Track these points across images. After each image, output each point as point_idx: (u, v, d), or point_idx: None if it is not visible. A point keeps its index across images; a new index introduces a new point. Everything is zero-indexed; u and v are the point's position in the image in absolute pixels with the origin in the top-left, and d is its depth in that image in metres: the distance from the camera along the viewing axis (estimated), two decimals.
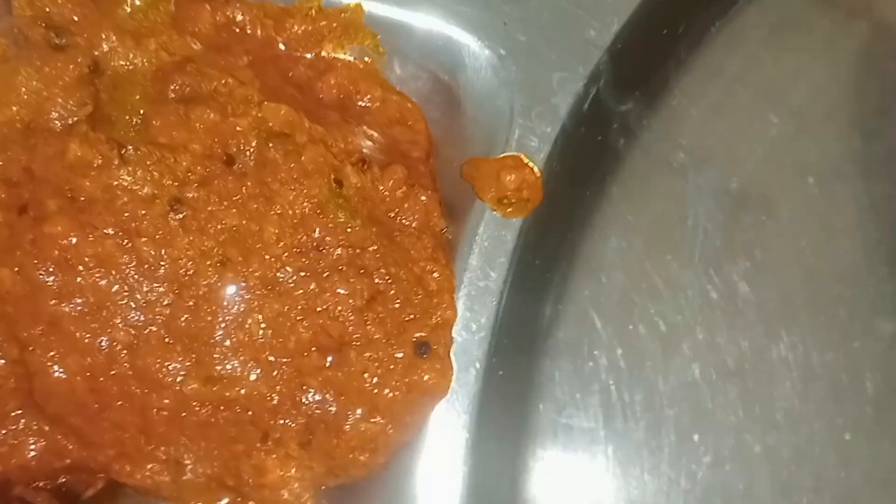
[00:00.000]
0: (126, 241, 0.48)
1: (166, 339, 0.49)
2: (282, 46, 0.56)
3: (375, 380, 0.50)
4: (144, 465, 0.49)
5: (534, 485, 0.56)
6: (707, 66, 0.64)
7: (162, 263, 0.49)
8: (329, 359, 0.50)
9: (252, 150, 0.51)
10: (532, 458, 0.57)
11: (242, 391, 0.49)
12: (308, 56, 0.56)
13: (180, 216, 0.49)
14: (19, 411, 0.48)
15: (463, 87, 0.57)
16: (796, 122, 0.64)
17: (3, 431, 0.48)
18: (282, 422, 0.50)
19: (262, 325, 0.50)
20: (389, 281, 0.51)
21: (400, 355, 0.51)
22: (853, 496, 0.58)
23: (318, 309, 0.50)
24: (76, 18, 0.51)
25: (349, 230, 0.51)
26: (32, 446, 0.48)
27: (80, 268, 0.48)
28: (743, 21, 0.65)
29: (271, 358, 0.50)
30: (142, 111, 0.50)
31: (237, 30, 0.55)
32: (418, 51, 0.57)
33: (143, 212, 0.49)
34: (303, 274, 0.50)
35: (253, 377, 0.49)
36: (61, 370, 0.48)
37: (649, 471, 0.58)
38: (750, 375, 0.60)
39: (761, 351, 0.60)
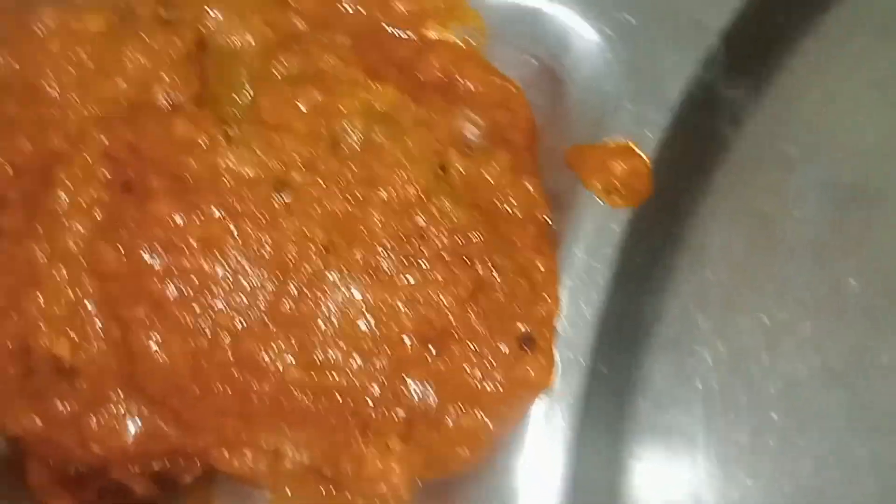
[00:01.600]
0: (231, 223, 0.47)
1: (269, 325, 0.48)
2: (385, 26, 0.54)
3: (478, 373, 0.49)
4: (243, 451, 0.48)
5: (633, 483, 0.55)
6: (820, 55, 0.61)
7: (266, 247, 0.48)
8: (432, 350, 0.49)
9: (358, 132, 0.50)
10: (632, 457, 0.55)
11: (344, 380, 0.48)
12: (411, 36, 0.55)
13: (285, 199, 0.48)
14: (120, 393, 0.47)
15: (569, 70, 0.55)
16: None
17: (105, 414, 0.47)
18: (382, 413, 0.49)
19: (365, 314, 0.48)
20: (494, 272, 0.50)
21: (504, 349, 0.49)
22: None
23: (422, 299, 0.49)
24: None
25: (454, 218, 0.50)
26: (132, 430, 0.48)
27: (185, 249, 0.47)
28: (858, 9, 0.62)
29: (373, 347, 0.48)
30: (249, 90, 0.49)
31: (341, 8, 0.54)
32: (523, 32, 0.56)
33: (248, 194, 0.48)
34: (406, 262, 0.49)
35: (354, 366, 0.48)
36: (163, 353, 0.47)
37: (751, 474, 0.56)
38: (856, 377, 0.57)
39: (868, 351, 0.58)
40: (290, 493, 0.49)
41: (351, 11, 0.54)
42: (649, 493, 0.55)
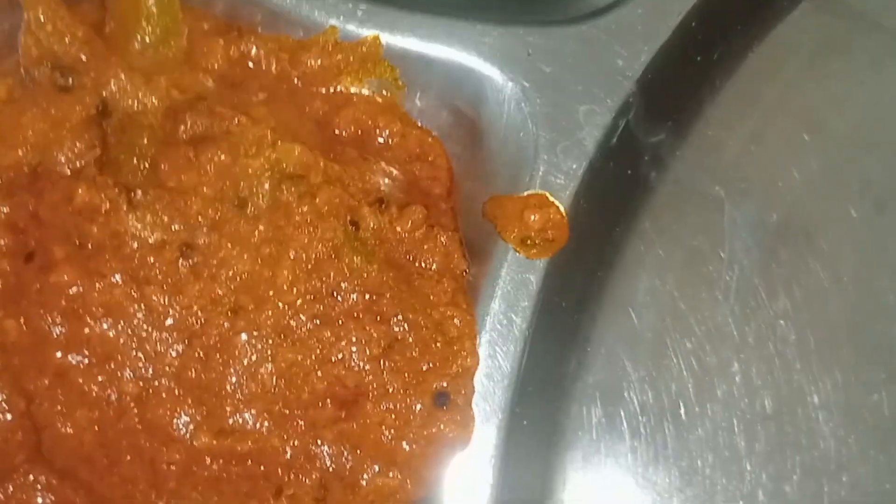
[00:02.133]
0: (135, 289, 0.47)
1: (176, 391, 0.47)
2: (298, 81, 0.54)
3: (393, 432, 0.49)
4: None
5: None
6: (744, 94, 0.61)
7: (172, 312, 0.47)
8: (344, 410, 0.48)
9: (265, 192, 0.49)
10: None
11: (255, 445, 0.48)
12: (325, 91, 0.54)
13: (191, 262, 0.48)
14: (27, 465, 0.47)
15: (486, 120, 0.55)
16: (838, 150, 0.61)
17: (11, 487, 0.47)
18: (295, 476, 0.48)
19: (275, 376, 0.48)
20: (407, 328, 0.50)
21: (418, 407, 0.49)
22: None
23: (333, 358, 0.49)
24: (84, 58, 0.50)
25: (365, 275, 0.49)
26: (40, 501, 0.47)
27: (88, 318, 0.47)
28: (782, 45, 0.62)
29: (285, 410, 0.48)
30: (150, 154, 0.48)
31: (251, 65, 0.53)
32: (439, 84, 0.55)
33: (153, 259, 0.47)
34: (317, 321, 0.49)
35: (265, 430, 0.48)
36: (69, 424, 0.47)
37: None
38: (788, 419, 0.57)
39: (800, 393, 0.57)
40: None
41: (263, 68, 0.54)
42: None
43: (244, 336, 0.48)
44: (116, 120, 0.49)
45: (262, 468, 0.48)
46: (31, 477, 0.47)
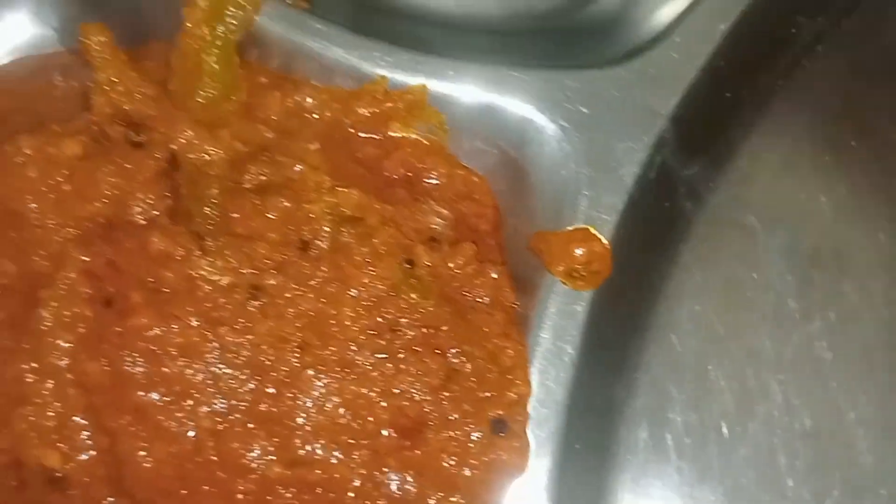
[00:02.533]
0: (208, 329, 0.50)
1: (249, 425, 0.50)
2: (350, 129, 0.57)
3: (454, 460, 0.51)
4: None
5: None
6: (773, 125, 0.64)
7: (243, 350, 0.50)
8: (408, 439, 0.51)
9: (326, 235, 0.52)
10: None
11: (325, 474, 0.50)
12: (375, 136, 0.57)
13: (259, 303, 0.50)
14: (112, 499, 0.49)
15: (528, 160, 0.58)
16: (865, 176, 0.64)
17: None
18: (363, 503, 0.50)
19: (342, 408, 0.51)
20: (464, 359, 0.52)
21: (477, 434, 0.51)
22: None
23: (395, 390, 0.51)
24: (153, 114, 0.53)
25: (422, 310, 0.52)
26: None
27: (165, 358, 0.49)
28: (809, 76, 0.65)
29: (351, 440, 0.50)
30: (219, 203, 0.51)
31: (306, 115, 0.56)
32: (482, 127, 0.58)
33: (224, 301, 0.50)
34: (379, 355, 0.51)
35: (334, 460, 0.50)
36: (149, 458, 0.49)
37: None
38: (827, 436, 0.59)
39: (839, 411, 0.60)
40: None
41: (317, 117, 0.57)
42: None
43: (311, 371, 0.51)
44: (186, 172, 0.52)
45: (331, 496, 0.50)
46: None
